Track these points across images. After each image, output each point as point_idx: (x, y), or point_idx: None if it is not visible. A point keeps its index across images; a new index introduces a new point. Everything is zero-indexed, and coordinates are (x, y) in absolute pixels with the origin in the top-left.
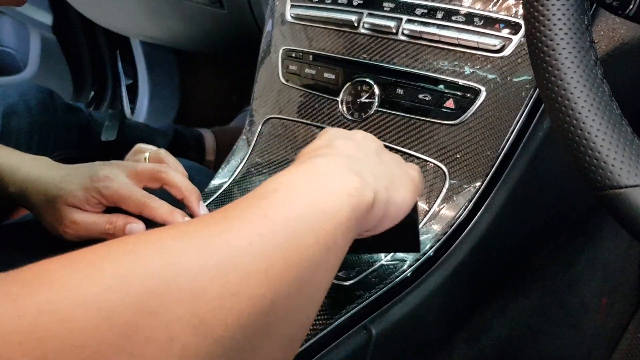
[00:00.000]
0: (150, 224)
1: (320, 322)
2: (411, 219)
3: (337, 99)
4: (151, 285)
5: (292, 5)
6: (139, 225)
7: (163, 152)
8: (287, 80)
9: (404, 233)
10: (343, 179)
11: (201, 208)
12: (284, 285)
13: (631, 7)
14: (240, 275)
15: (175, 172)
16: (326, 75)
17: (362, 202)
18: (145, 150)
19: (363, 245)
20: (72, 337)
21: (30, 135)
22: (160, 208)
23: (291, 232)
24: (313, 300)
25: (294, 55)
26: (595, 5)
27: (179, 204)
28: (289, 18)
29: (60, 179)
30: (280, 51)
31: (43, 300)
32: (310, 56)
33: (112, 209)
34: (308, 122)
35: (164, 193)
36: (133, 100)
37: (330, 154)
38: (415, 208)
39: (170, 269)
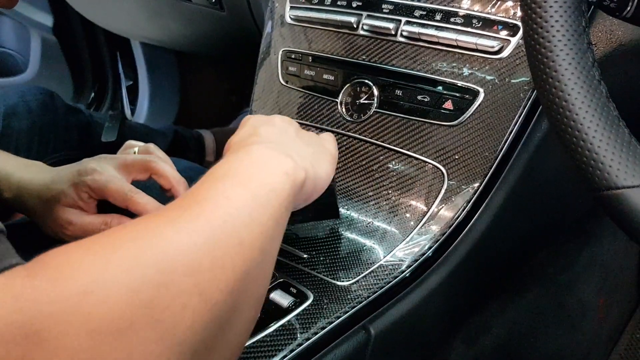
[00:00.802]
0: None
1: (320, 322)
2: (330, 190)
3: (337, 100)
4: (161, 265)
5: (291, 7)
6: None
7: (152, 146)
8: (286, 82)
9: (324, 202)
10: (279, 161)
11: None
12: (253, 255)
13: (629, 8)
14: (222, 249)
15: (164, 163)
16: (325, 76)
17: (297, 180)
18: (135, 146)
19: (294, 218)
20: (112, 313)
21: (31, 136)
22: (147, 204)
23: (251, 209)
24: (271, 265)
25: (293, 56)
26: (592, 7)
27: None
28: (288, 19)
29: (51, 180)
30: (280, 52)
31: (81, 283)
32: (310, 57)
33: (107, 208)
34: (307, 123)
35: (147, 188)
36: (133, 101)
37: (259, 141)
38: (332, 179)
39: (172, 250)
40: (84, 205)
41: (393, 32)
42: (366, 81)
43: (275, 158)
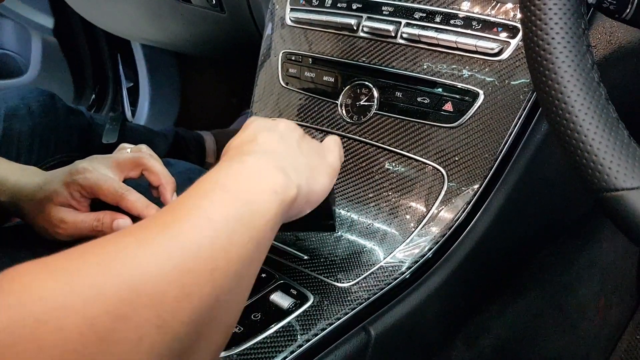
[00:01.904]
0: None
1: (320, 323)
2: (327, 202)
3: (337, 102)
4: (123, 294)
5: (291, 9)
6: (126, 220)
7: (144, 146)
8: (286, 84)
9: (321, 215)
10: (270, 178)
11: (174, 199)
12: (226, 281)
13: (628, 10)
14: (193, 277)
15: (155, 161)
16: (325, 78)
17: (287, 198)
18: (128, 147)
19: (286, 227)
20: (65, 343)
21: (32, 138)
22: (136, 201)
23: (231, 232)
24: (247, 289)
25: (293, 58)
26: (592, 9)
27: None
28: (288, 22)
29: (44, 182)
30: (280, 54)
31: (38, 311)
32: (310, 59)
33: (100, 207)
34: (307, 124)
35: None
36: (134, 103)
37: (256, 151)
38: (331, 191)
39: (137, 277)
40: (77, 204)
41: (393, 34)
42: (366, 83)
43: (267, 173)
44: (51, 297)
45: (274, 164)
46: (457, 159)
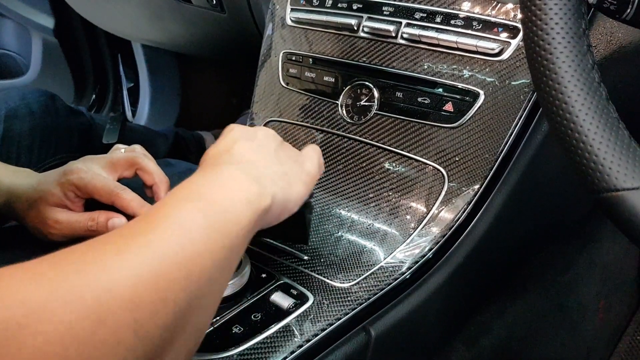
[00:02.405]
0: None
1: (320, 323)
2: (301, 216)
3: (337, 102)
4: (102, 299)
5: (292, 9)
6: (121, 219)
7: (138, 146)
8: (287, 84)
9: (294, 227)
10: (244, 188)
11: None
12: (200, 287)
13: (628, 11)
14: (167, 283)
15: (149, 160)
16: (326, 78)
17: (260, 207)
18: (122, 147)
19: (262, 233)
20: (46, 347)
21: (32, 139)
22: (132, 201)
23: (206, 239)
24: (220, 294)
25: (294, 58)
26: (592, 9)
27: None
28: (289, 22)
29: (37, 183)
30: (281, 55)
31: (18, 314)
32: (310, 60)
33: (94, 208)
34: (308, 125)
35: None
36: (134, 103)
37: (231, 161)
38: (307, 204)
39: (114, 282)
40: (71, 205)
41: (393, 34)
42: (367, 83)
43: (240, 183)
44: (32, 301)
45: (248, 174)
46: (457, 159)
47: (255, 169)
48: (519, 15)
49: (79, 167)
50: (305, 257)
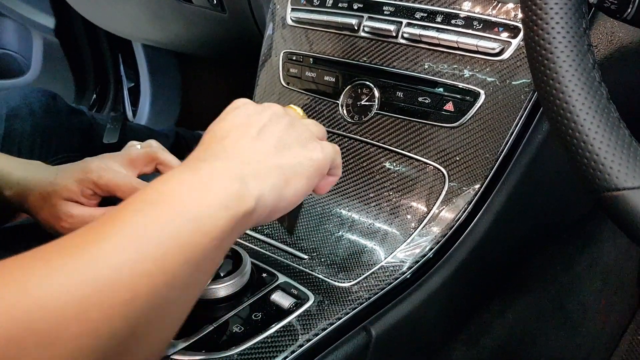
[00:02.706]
0: None
1: (320, 323)
2: (294, 209)
3: (338, 101)
4: (14, 330)
5: (292, 9)
6: None
7: (154, 142)
8: (287, 83)
9: (281, 218)
10: (222, 191)
11: None
12: (147, 311)
13: (629, 10)
14: (103, 310)
15: (168, 154)
16: (326, 78)
17: (240, 211)
18: (137, 144)
19: None
20: None
21: (33, 138)
22: None
23: (162, 254)
24: (178, 316)
25: (294, 58)
26: (593, 8)
27: None
28: (289, 21)
29: (54, 176)
30: (281, 54)
31: None
32: (311, 59)
33: (106, 202)
34: None
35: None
36: (135, 103)
37: (218, 155)
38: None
39: (33, 310)
40: (86, 201)
41: (394, 34)
42: (367, 83)
43: (220, 185)
44: None
45: (232, 172)
46: (458, 158)
47: (243, 165)
48: (520, 15)
49: (99, 165)
50: (306, 257)
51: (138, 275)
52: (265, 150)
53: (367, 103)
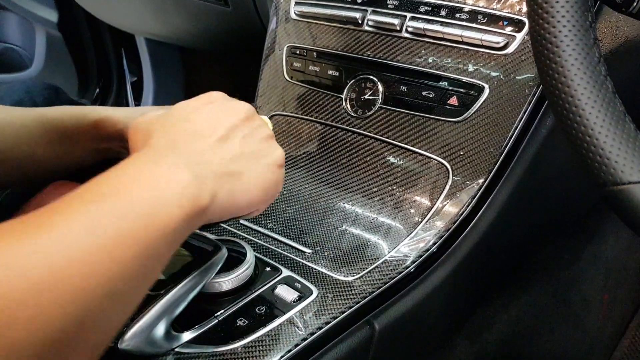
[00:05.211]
0: None
1: (324, 317)
2: None
3: (341, 95)
4: None
5: (296, 3)
6: None
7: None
8: (291, 77)
9: None
10: (177, 188)
11: None
12: (96, 302)
13: (635, 4)
14: (55, 295)
15: None
16: (330, 72)
17: (194, 209)
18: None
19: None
20: None
21: None
22: None
23: (113, 247)
24: (127, 309)
25: (298, 52)
26: (598, 2)
27: None
28: (293, 15)
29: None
30: (285, 48)
31: None
32: (314, 53)
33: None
34: (312, 118)
35: None
36: (138, 97)
37: (181, 153)
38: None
39: None
40: None
41: (398, 28)
42: (371, 77)
43: (175, 181)
44: None
45: (191, 170)
46: (462, 153)
47: (204, 166)
48: (525, 9)
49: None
50: (310, 251)
51: (89, 265)
52: (227, 156)
53: (370, 97)
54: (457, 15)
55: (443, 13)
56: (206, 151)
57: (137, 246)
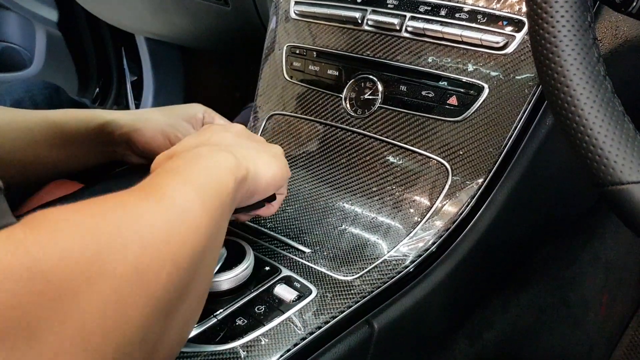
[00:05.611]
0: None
1: (323, 316)
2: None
3: (341, 95)
4: (143, 232)
5: (296, 2)
6: None
7: (209, 110)
8: (290, 77)
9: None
10: (224, 160)
11: None
12: (204, 240)
13: (634, 4)
14: (182, 239)
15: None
16: (330, 71)
17: (239, 176)
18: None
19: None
20: (119, 280)
21: None
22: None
23: (206, 197)
24: (213, 263)
25: (297, 52)
26: (598, 2)
27: None
28: (293, 15)
29: (167, 117)
30: (284, 48)
31: (91, 252)
32: (314, 53)
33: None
34: (311, 118)
35: None
36: (138, 96)
37: (217, 145)
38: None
39: (149, 223)
40: None
41: (398, 28)
42: (370, 76)
43: (221, 156)
44: (100, 241)
45: (225, 149)
46: (461, 152)
47: (231, 148)
48: (524, 9)
49: (205, 110)
50: (309, 250)
51: (199, 210)
52: (241, 143)
53: (370, 97)
54: (457, 15)
55: (443, 13)
56: (233, 146)
57: (219, 197)
